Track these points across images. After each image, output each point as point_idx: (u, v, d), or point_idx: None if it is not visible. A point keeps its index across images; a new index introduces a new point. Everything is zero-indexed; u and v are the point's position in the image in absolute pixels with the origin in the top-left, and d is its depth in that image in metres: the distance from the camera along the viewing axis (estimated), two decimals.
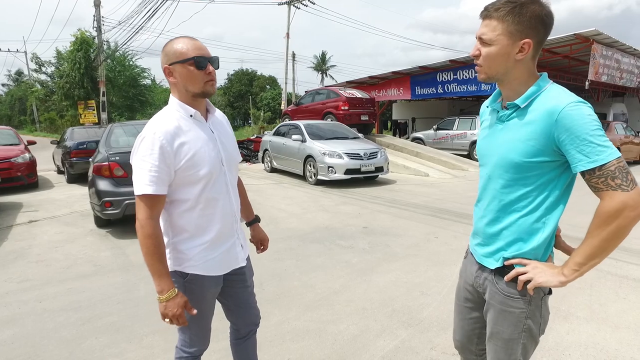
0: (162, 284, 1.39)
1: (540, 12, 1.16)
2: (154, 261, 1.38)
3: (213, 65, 1.46)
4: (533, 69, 1.24)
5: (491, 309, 1.35)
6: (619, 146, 11.62)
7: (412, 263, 4.07)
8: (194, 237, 1.50)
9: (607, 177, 1.10)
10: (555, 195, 1.22)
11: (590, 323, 2.82)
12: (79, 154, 8.67)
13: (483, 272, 1.38)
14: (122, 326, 2.84)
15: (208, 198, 1.48)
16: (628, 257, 4.10)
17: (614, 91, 19.16)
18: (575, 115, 1.10)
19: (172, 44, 1.44)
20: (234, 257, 1.62)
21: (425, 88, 15.88)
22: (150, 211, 1.38)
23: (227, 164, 1.56)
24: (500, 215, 1.30)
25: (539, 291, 1.27)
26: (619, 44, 12.41)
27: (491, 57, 1.21)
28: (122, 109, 26.60)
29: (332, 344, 2.61)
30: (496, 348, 1.35)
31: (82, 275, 3.79)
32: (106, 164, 4.78)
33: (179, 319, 1.42)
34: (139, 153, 1.39)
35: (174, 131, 1.41)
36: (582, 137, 1.09)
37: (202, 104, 1.54)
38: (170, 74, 1.45)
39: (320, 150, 8.84)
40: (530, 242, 1.25)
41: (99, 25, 18.59)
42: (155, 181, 1.36)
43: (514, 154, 1.21)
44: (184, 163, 1.41)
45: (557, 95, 1.17)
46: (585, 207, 1.73)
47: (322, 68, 52.37)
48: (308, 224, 5.68)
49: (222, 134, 1.58)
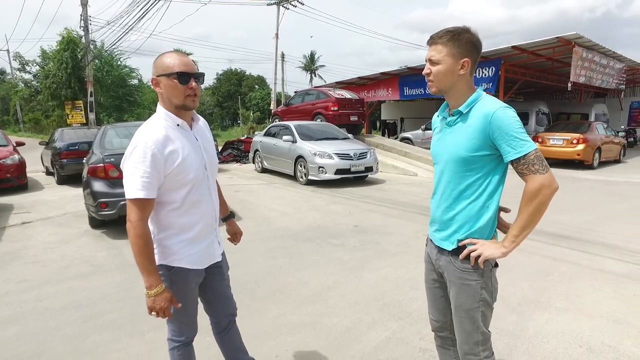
0: (150, 280, 1.53)
1: (473, 39, 1.50)
2: (144, 259, 1.52)
3: (197, 81, 1.58)
4: (471, 83, 1.55)
5: (452, 285, 1.61)
6: (599, 145, 12.01)
7: (401, 260, 4.23)
8: (178, 234, 1.64)
9: (529, 164, 1.42)
10: (495, 182, 1.52)
11: (568, 313, 3.01)
12: (70, 155, 8.66)
13: (442, 255, 1.64)
14: (123, 323, 2.94)
15: (192, 200, 1.63)
16: (604, 252, 4.33)
17: (596, 92, 19.67)
18: (503, 117, 1.42)
19: (161, 57, 1.57)
20: (212, 253, 1.78)
21: (413, 88, 16.10)
22: (141, 213, 1.50)
23: (209, 168, 1.72)
24: (452, 203, 1.57)
25: (488, 264, 1.54)
26: (598, 47, 12.78)
27: (441, 73, 1.51)
28: (111, 109, 26.33)
29: (327, 336, 2.75)
30: (461, 320, 1.61)
31: (80, 275, 3.86)
32: (101, 165, 4.85)
33: (165, 312, 1.56)
34: (132, 160, 1.50)
35: (164, 140, 1.53)
36: (509, 134, 1.41)
37: (188, 114, 1.67)
38: (157, 85, 1.57)
39: (311, 150, 8.97)
40: (477, 224, 1.53)
41: (86, 25, 18.40)
42: (146, 186, 1.49)
43: (462, 150, 1.50)
44: (173, 169, 1.54)
45: (490, 102, 1.47)
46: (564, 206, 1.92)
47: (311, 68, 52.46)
48: (300, 223, 5.81)
49: (205, 141, 1.73)
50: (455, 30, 1.49)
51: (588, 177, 10.21)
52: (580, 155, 11.39)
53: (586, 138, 11.44)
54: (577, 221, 5.62)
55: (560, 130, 12.30)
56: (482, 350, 1.61)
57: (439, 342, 1.88)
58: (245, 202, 7.18)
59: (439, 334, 1.85)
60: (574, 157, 11.50)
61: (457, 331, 1.64)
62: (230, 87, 52.99)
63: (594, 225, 5.45)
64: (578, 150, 11.36)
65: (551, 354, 2.50)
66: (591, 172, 11.22)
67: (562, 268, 3.90)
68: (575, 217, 5.85)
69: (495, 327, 2.81)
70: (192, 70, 1.56)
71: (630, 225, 5.48)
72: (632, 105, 22.34)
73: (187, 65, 1.55)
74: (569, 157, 11.57)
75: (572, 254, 4.31)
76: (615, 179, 9.84)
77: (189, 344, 1.85)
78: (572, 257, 4.22)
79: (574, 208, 6.39)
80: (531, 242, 4.70)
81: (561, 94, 21.16)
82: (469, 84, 1.53)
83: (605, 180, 9.64)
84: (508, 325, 2.84)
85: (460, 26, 1.51)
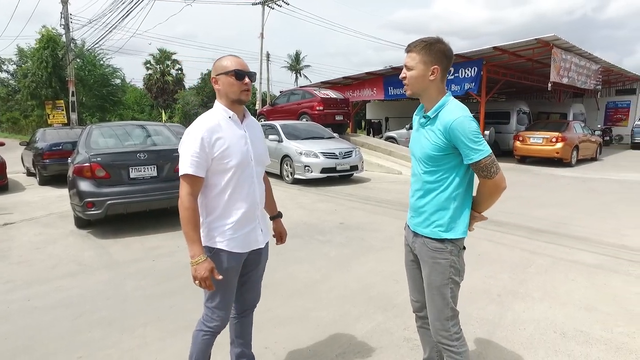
0: (194, 249, 1.68)
1: (443, 49, 1.68)
2: (189, 229, 1.68)
3: (250, 79, 1.80)
4: (442, 88, 1.73)
5: (425, 265, 1.81)
6: (577, 144, 12.39)
7: (386, 255, 4.35)
8: (222, 217, 1.80)
9: (479, 170, 1.65)
10: (460, 175, 1.72)
11: (544, 302, 3.17)
12: (53, 156, 8.53)
13: (417, 238, 1.84)
14: (113, 320, 2.97)
15: (235, 185, 1.79)
16: (578, 245, 4.53)
17: (574, 92, 20.25)
18: (459, 127, 1.61)
19: (220, 60, 1.80)
20: (254, 239, 1.90)
21: (398, 88, 16.29)
22: (191, 188, 1.70)
23: (255, 160, 1.87)
24: (423, 193, 1.78)
25: (457, 246, 1.76)
26: (575, 49, 13.17)
27: (413, 78, 1.71)
28: (94, 109, 25.86)
29: (315, 328, 2.84)
30: (432, 296, 1.80)
31: (68, 274, 3.87)
32: (88, 164, 4.84)
33: (207, 281, 1.68)
34: (185, 143, 1.72)
35: (214, 127, 1.74)
36: (464, 142, 1.61)
37: (240, 109, 1.87)
38: (216, 83, 1.80)
39: (297, 149, 9.05)
40: (448, 212, 1.74)
41: (67, 23, 18.08)
42: (195, 164, 1.69)
43: (428, 149, 1.71)
44: (218, 154, 1.73)
45: (451, 110, 1.66)
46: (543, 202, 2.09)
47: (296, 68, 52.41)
48: (287, 220, 5.75)
49: (253, 136, 1.90)
50: (428, 40, 1.68)
51: (566, 174, 10.53)
52: (559, 153, 11.73)
53: (564, 137, 11.80)
54: (554, 216, 5.84)
55: (540, 129, 12.64)
56: (452, 326, 1.80)
57: (420, 323, 2.06)
58: None
59: (419, 314, 2.02)
60: (553, 155, 11.84)
61: (429, 308, 1.83)
62: None
63: (570, 220, 5.68)
64: (557, 148, 11.70)
65: (527, 340, 2.64)
66: (569, 169, 11.57)
67: (540, 260, 4.08)
68: (552, 212, 6.07)
69: (476, 316, 2.95)
70: (246, 69, 1.79)
71: (603, 220, 5.72)
72: (607, 105, 23.05)
73: (242, 65, 1.78)
74: (548, 155, 11.92)
75: (549, 247, 4.50)
76: (591, 176, 10.18)
77: (215, 335, 1.93)
78: (549, 250, 4.41)
79: (551, 204, 6.62)
80: (511, 236, 4.89)
81: (541, 94, 21.69)
82: (439, 89, 1.71)
83: (582, 178, 9.97)
84: (488, 314, 2.98)
85: (433, 37, 1.70)
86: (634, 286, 3.48)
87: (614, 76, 19.74)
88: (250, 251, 1.90)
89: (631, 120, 21.74)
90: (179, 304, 3.20)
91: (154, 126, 6.55)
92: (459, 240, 1.76)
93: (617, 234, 5.02)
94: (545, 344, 2.60)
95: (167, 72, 41.92)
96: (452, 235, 1.73)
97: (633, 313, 3.00)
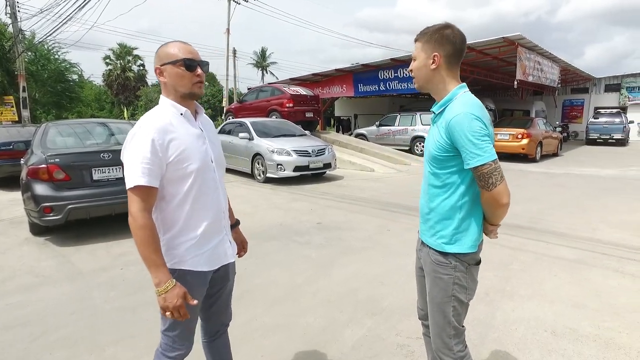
0: (159, 276, 1.40)
1: (445, 33, 1.50)
2: (149, 252, 1.39)
3: (202, 69, 1.53)
4: (448, 79, 1.54)
5: (428, 277, 1.65)
6: (541, 140, 12.83)
7: (368, 255, 4.24)
8: (184, 232, 1.53)
9: (478, 178, 1.45)
10: (467, 183, 1.51)
11: (532, 300, 3.15)
12: (3, 156, 7.88)
13: (423, 247, 1.68)
14: (79, 338, 2.68)
15: (197, 193, 1.53)
16: (556, 240, 4.60)
17: (535, 90, 21.06)
18: (459, 125, 1.40)
19: (165, 46, 1.52)
20: (222, 253, 1.65)
21: (367, 85, 16.34)
22: (144, 203, 1.40)
23: (216, 162, 1.61)
24: (429, 198, 1.61)
25: (463, 262, 1.56)
26: (538, 48, 13.65)
27: (417, 69, 1.57)
28: (48, 106, 24.33)
29: (303, 336, 2.67)
30: (433, 312, 1.63)
31: (24, 288, 3.50)
32: (44, 166, 4.42)
33: (180, 310, 1.42)
34: (131, 148, 1.42)
35: (165, 127, 1.45)
36: (462, 143, 1.41)
37: (192, 104, 1.59)
38: (161, 74, 1.51)
39: (269, 147, 8.82)
40: (452, 222, 1.54)
41: (14, 12, 16.81)
42: (147, 173, 1.39)
43: (433, 149, 1.53)
44: (174, 157, 1.45)
45: (456, 106, 1.46)
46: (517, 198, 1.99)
47: (262, 65, 51.81)
48: (261, 222, 5.67)
49: (210, 134, 1.64)
50: (431, 27, 1.53)
51: (532, 169, 10.87)
52: (524, 149, 12.11)
53: (530, 133, 12.19)
54: (528, 212, 5.93)
55: (506, 125, 13.01)
56: (455, 344, 1.63)
57: (425, 331, 1.90)
58: None
59: (424, 322, 1.86)
60: (519, 151, 12.20)
61: (430, 323, 1.66)
62: None
63: (544, 215, 5.79)
64: (523, 144, 12.07)
65: (520, 340, 2.60)
66: (535, 165, 11.97)
67: (522, 257, 4.09)
68: (526, 208, 6.17)
69: (467, 317, 2.87)
70: (197, 58, 1.53)
71: (574, 215, 5.88)
72: (564, 103, 24.22)
73: (192, 53, 1.52)
74: (514, 151, 12.27)
75: (529, 243, 4.54)
76: (555, 171, 10.56)
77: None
78: (529, 246, 4.44)
79: (524, 199, 6.75)
80: None
81: (504, 92, 22.43)
82: (444, 80, 1.53)
83: (547, 173, 10.31)
84: (479, 314, 2.91)
85: (440, 23, 1.52)
86: (612, 279, 3.54)
87: (570, 75, 20.72)
88: (217, 267, 1.64)
89: (585, 118, 22.93)
90: (153, 317, 2.92)
91: (118, 124, 6.13)
92: (466, 255, 1.55)
93: (588, 227, 5.16)
94: (539, 343, 2.56)
95: (128, 68, 40.27)
96: (456, 250, 1.54)
97: (616, 307, 3.03)
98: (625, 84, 22.65)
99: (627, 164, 12.07)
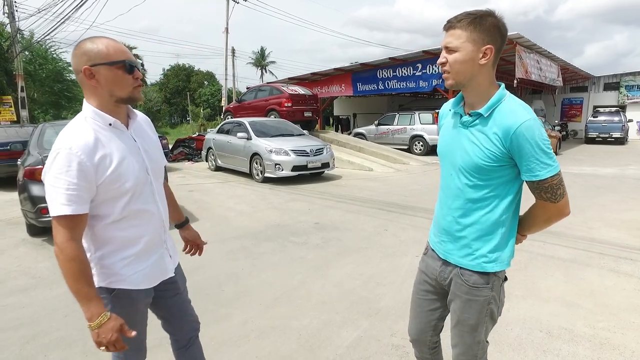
0: (91, 309, 1.27)
1: (497, 23, 1.29)
2: (81, 285, 1.27)
3: (139, 70, 1.41)
4: (493, 77, 1.35)
5: (457, 299, 1.48)
6: None
7: (365, 256, 4.24)
8: (119, 251, 1.41)
9: (543, 190, 1.32)
10: (512, 195, 1.39)
11: (527, 300, 3.15)
12: (0, 156, 7.88)
13: (447, 267, 1.50)
14: (73, 341, 2.68)
15: (134, 210, 1.41)
16: (552, 239, 4.59)
17: (533, 89, 21.07)
18: (527, 134, 1.24)
19: (92, 43, 1.31)
20: (163, 269, 1.57)
21: (366, 84, 16.32)
22: (71, 233, 1.26)
23: (153, 173, 1.49)
24: (464, 213, 1.42)
25: (499, 279, 1.45)
26: (536, 47, 13.64)
27: (458, 62, 1.30)
28: (47, 106, 24.31)
29: (298, 338, 2.67)
30: (462, 333, 1.50)
31: (19, 290, 3.49)
32: (41, 167, 4.42)
33: (116, 344, 1.30)
34: (53, 170, 1.25)
35: (93, 144, 1.29)
36: (533, 154, 1.26)
37: (123, 109, 1.44)
38: (91, 77, 1.31)
39: (267, 147, 8.81)
40: (493, 240, 1.40)
41: (12, 11, 16.78)
42: (74, 200, 1.24)
43: (478, 158, 1.33)
44: (106, 178, 1.31)
45: (515, 110, 1.29)
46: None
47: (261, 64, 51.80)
48: (259, 222, 5.67)
49: (145, 141, 1.49)
50: (477, 13, 1.28)
51: None
52: None
53: None
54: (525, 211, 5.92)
55: None
56: None
57: (419, 355, 1.78)
58: (200, 202, 6.91)
59: (417, 348, 1.77)
60: None
61: (457, 342, 1.54)
62: (179, 82, 51.06)
63: None
64: None
65: (515, 341, 2.60)
66: None
67: (517, 257, 4.06)
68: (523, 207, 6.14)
69: None
70: (133, 59, 1.39)
71: (571, 213, 5.85)
72: (563, 102, 24.21)
73: (127, 53, 1.36)
74: None
75: (525, 242, 4.49)
76: None
77: None
78: (525, 245, 4.38)
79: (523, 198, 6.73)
80: None
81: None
82: (490, 77, 1.34)
83: None
84: None
85: (482, 9, 1.30)
86: (607, 279, 3.54)
87: (569, 74, 20.69)
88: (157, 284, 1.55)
89: (584, 116, 22.92)
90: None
91: None
92: (501, 272, 1.45)
93: (585, 226, 5.16)
94: (533, 344, 2.56)
95: None
96: (498, 268, 1.41)
97: (611, 307, 3.03)
98: (624, 82, 22.64)
99: (626, 163, 12.08)
